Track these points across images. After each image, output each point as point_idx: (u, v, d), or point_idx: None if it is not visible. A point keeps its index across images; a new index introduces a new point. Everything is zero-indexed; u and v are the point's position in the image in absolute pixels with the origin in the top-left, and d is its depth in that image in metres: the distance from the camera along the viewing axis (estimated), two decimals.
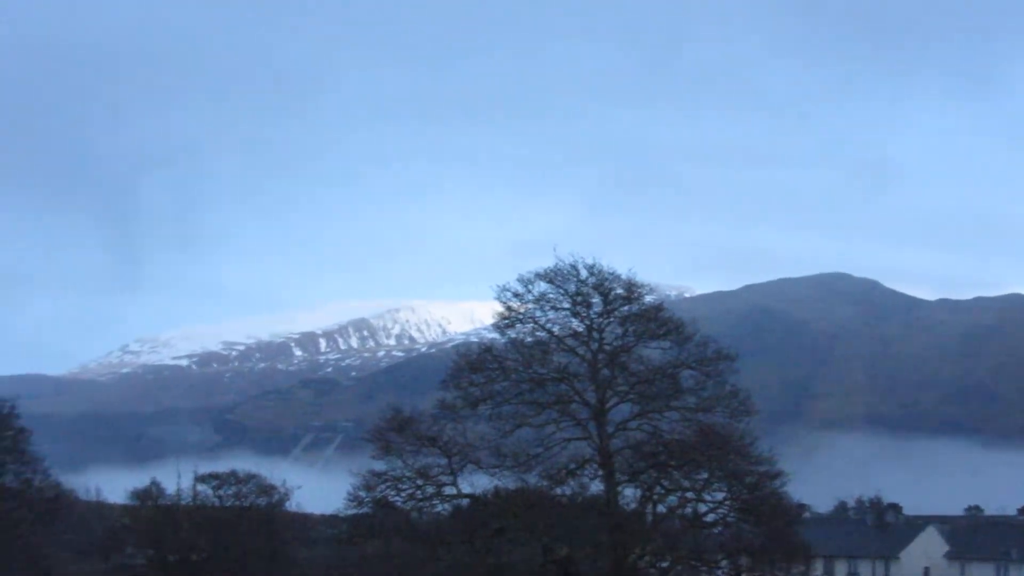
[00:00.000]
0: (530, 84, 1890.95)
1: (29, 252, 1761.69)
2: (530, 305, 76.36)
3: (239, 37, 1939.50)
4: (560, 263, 75.22)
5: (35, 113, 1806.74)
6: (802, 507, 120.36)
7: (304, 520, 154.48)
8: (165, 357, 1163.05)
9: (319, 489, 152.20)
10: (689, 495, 74.03)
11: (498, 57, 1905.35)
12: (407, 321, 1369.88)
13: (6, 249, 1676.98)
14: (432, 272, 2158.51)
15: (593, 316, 75.41)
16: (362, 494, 74.22)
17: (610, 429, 74.46)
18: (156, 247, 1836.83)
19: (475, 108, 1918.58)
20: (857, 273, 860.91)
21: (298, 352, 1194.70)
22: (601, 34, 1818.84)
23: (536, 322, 76.48)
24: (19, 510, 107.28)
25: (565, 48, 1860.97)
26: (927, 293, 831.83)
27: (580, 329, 75.87)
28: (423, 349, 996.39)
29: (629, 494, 75.55)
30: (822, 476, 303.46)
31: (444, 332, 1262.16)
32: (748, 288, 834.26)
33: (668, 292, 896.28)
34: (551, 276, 75.35)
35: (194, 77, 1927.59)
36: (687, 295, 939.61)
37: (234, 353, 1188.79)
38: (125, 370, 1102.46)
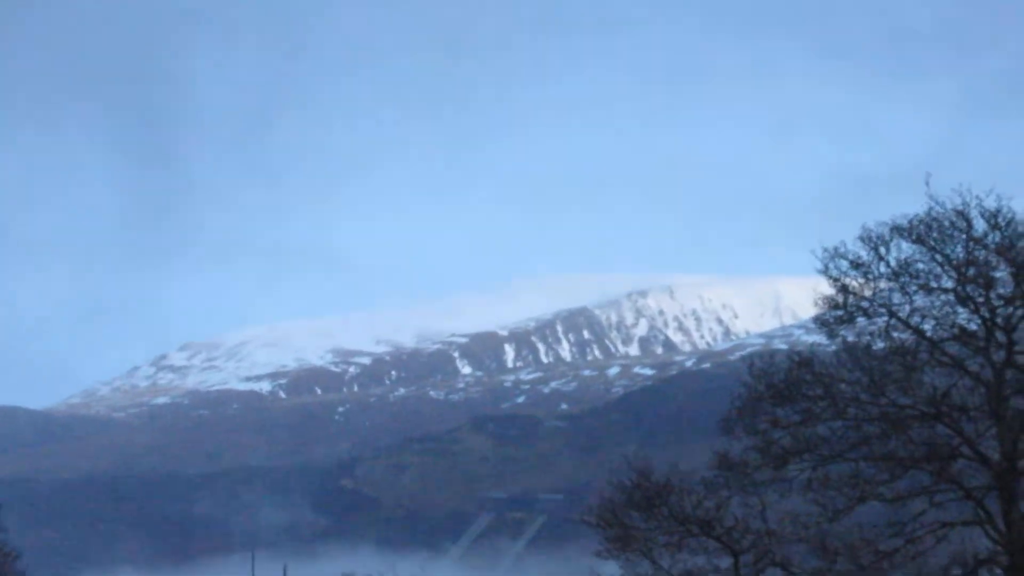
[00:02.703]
0: None
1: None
2: (882, 284, 76.26)
3: None
4: (935, 206, 74.94)
5: None
6: None
7: None
8: (230, 377, 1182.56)
9: None
10: None
11: None
12: (659, 312, 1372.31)
13: None
14: (704, 230, 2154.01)
15: (996, 303, 74.79)
16: None
17: None
18: (215, 195, 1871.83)
19: None
20: None
21: (467, 368, 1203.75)
22: None
23: (894, 313, 76.33)
24: None
25: None
26: None
27: (973, 327, 75.46)
28: (687, 362, 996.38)
29: None
30: None
31: (726, 331, 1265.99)
32: None
33: None
34: (919, 230, 74.94)
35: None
36: None
37: (352, 370, 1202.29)
38: (160, 399, 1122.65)
